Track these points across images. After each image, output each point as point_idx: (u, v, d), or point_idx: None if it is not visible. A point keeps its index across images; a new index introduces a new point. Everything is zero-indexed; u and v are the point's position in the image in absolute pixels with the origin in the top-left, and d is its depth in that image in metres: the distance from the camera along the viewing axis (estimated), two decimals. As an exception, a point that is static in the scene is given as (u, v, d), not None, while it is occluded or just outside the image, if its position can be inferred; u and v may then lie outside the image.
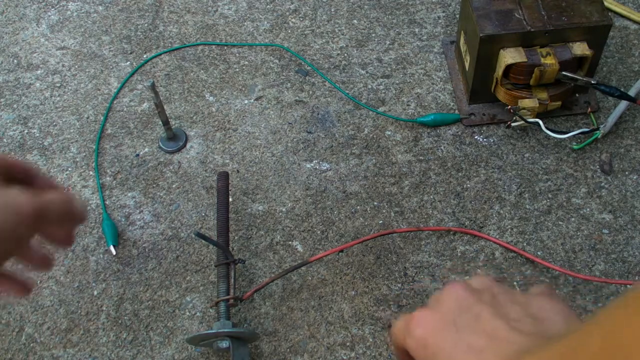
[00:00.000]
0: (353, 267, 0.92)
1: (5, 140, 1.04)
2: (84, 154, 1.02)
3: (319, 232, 0.95)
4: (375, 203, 0.97)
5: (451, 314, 0.50)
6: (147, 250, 0.94)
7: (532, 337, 0.46)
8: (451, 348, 0.48)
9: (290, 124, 1.04)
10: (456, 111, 1.05)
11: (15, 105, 1.07)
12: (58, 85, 1.09)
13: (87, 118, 1.06)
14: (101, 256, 0.94)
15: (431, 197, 0.97)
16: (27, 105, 1.07)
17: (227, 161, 1.01)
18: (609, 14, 1.08)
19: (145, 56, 1.12)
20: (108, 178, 1.00)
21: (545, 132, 0.98)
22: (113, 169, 1.01)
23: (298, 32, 1.14)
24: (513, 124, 1.00)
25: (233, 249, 0.93)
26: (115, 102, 1.07)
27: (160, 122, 1.00)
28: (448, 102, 1.06)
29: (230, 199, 0.95)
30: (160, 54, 1.12)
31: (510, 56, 0.93)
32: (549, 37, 0.94)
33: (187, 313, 0.89)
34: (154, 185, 0.99)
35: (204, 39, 1.14)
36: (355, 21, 1.15)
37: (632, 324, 0.32)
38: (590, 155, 1.00)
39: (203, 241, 0.90)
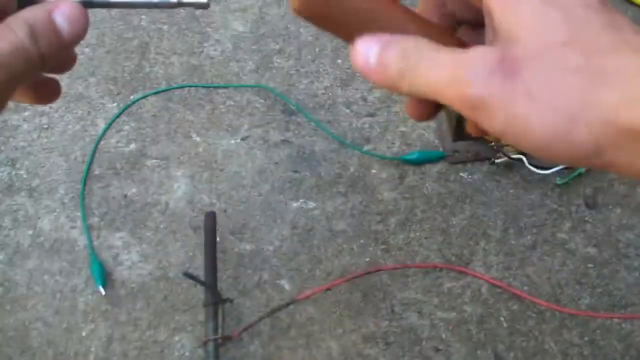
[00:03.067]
0: (340, 304, 0.92)
1: (-8, 182, 1.05)
2: (72, 195, 1.03)
3: (306, 270, 0.95)
4: (361, 241, 0.97)
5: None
6: (135, 290, 0.94)
7: None
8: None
9: (276, 163, 1.05)
10: (440, 149, 1.06)
11: (3, 147, 1.07)
12: (45, 126, 1.10)
13: (75, 159, 1.06)
14: (89, 297, 0.94)
15: (417, 234, 0.98)
16: (15, 147, 1.07)
17: (214, 201, 1.02)
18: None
19: (132, 97, 1.13)
20: (96, 219, 1.00)
21: (529, 168, 0.99)
22: (101, 210, 1.01)
23: (283, 72, 1.15)
24: (497, 161, 1.01)
25: (221, 288, 0.93)
26: (102, 143, 1.08)
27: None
28: (432, 140, 1.07)
29: (218, 239, 0.96)
30: (147, 96, 1.13)
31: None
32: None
33: (176, 353, 0.89)
34: (142, 226, 1.00)
35: (190, 80, 1.15)
36: (339, 61, 1.17)
37: None
38: (575, 189, 1.01)
39: (191, 281, 0.90)
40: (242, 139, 1.08)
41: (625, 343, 0.91)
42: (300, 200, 1.01)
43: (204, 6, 0.49)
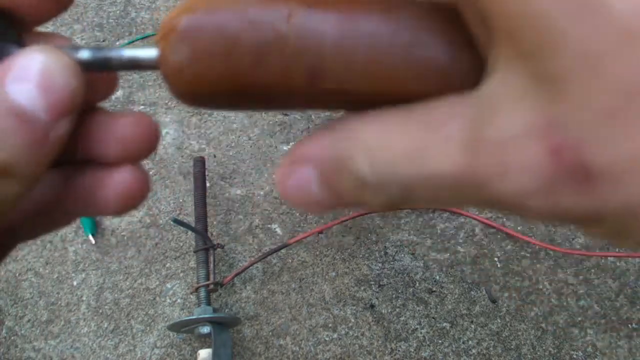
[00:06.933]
0: (333, 248, 0.92)
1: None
2: (59, 144, 1.01)
3: (297, 214, 0.94)
4: (353, 183, 0.96)
5: None
6: (125, 238, 0.94)
7: None
8: None
9: (266, 106, 1.04)
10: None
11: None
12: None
13: (61, 108, 1.04)
14: (80, 246, 0.93)
15: (409, 175, 0.97)
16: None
17: (204, 146, 1.00)
18: None
19: (117, 44, 1.11)
20: (84, 167, 0.99)
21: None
22: (89, 158, 1.00)
23: (271, 14, 1.13)
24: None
25: (212, 234, 0.92)
26: (89, 90, 1.06)
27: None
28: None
29: (208, 184, 0.95)
30: (133, 41, 1.11)
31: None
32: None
33: (168, 300, 0.89)
34: (131, 173, 0.98)
35: (176, 24, 1.12)
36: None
37: None
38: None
39: (181, 227, 0.89)
40: (231, 83, 1.06)
41: (619, 282, 0.90)
42: (291, 144, 1.00)
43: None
